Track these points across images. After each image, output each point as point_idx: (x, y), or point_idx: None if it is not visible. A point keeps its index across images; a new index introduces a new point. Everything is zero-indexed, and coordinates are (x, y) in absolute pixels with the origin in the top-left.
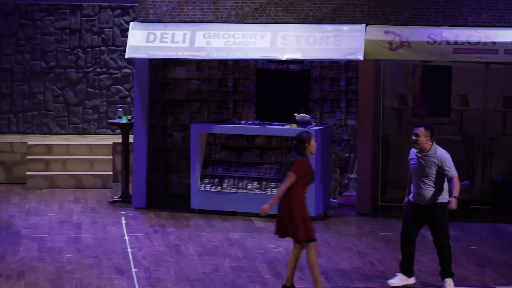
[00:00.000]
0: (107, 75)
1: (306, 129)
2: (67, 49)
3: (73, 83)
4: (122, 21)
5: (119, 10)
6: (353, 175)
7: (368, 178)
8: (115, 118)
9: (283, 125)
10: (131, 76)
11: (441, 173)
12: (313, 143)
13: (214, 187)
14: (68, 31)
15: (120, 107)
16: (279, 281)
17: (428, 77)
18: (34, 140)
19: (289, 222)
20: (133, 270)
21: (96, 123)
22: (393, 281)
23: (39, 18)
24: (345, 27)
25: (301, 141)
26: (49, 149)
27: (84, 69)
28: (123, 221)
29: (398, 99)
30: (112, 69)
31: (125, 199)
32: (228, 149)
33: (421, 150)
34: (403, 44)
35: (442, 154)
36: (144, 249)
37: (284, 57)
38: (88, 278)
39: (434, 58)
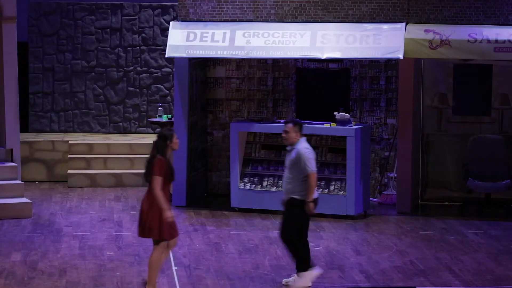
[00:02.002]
0: (147, 74)
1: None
2: (108, 48)
3: (114, 82)
4: (162, 20)
5: (159, 10)
6: (393, 174)
7: (408, 177)
8: (155, 117)
9: (323, 124)
10: (171, 75)
11: (300, 169)
12: (175, 140)
13: (254, 185)
14: (109, 30)
15: (160, 106)
16: (319, 279)
17: (469, 76)
18: (75, 138)
19: (147, 222)
20: (174, 268)
21: (136, 122)
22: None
23: (80, 17)
24: (385, 26)
25: (162, 138)
26: (90, 147)
27: (125, 68)
28: None
29: (438, 98)
30: (153, 68)
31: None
32: (268, 147)
33: (291, 145)
34: (443, 42)
35: (300, 149)
36: (185, 247)
37: (324, 56)
38: (128, 276)
39: (475, 57)
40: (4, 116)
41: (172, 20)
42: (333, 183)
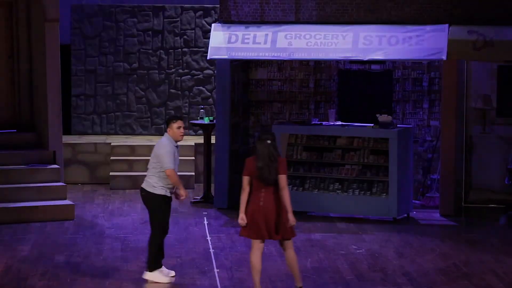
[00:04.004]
0: (189, 76)
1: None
2: (150, 51)
3: (155, 84)
4: (204, 22)
5: (201, 12)
6: (436, 176)
7: (452, 179)
8: (197, 119)
9: (365, 126)
10: (213, 77)
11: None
12: None
13: (295, 187)
14: (151, 32)
15: (202, 108)
16: (361, 282)
17: None
18: (117, 140)
19: (281, 222)
20: (215, 270)
21: None
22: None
23: (122, 20)
24: (428, 27)
25: (275, 138)
26: (132, 149)
27: (167, 70)
28: (205, 222)
29: (482, 99)
30: (194, 70)
31: (207, 200)
32: (310, 149)
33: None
34: (487, 44)
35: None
36: (226, 249)
37: (366, 58)
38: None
39: None
40: (47, 119)
41: (214, 22)
42: (376, 185)
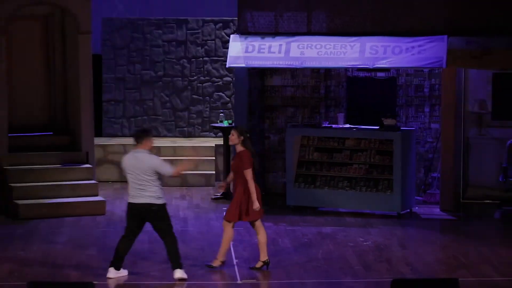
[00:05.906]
0: (210, 83)
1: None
2: (174, 60)
3: (179, 90)
4: (223, 33)
5: (221, 24)
6: (436, 174)
7: (451, 177)
8: (217, 122)
9: (372, 128)
10: (231, 84)
11: None
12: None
13: (307, 185)
14: (175, 43)
15: (221, 112)
16: (368, 272)
17: (507, 83)
18: None
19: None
20: (235, 261)
21: (200, 127)
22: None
23: (149, 31)
24: (429, 38)
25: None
26: (158, 150)
27: (189, 78)
28: None
29: (479, 104)
30: (215, 77)
31: (226, 196)
32: (321, 150)
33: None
34: (484, 53)
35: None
36: (245, 242)
37: (373, 66)
38: (194, 268)
39: None
40: (80, 122)
41: (232, 33)
42: (381, 183)
